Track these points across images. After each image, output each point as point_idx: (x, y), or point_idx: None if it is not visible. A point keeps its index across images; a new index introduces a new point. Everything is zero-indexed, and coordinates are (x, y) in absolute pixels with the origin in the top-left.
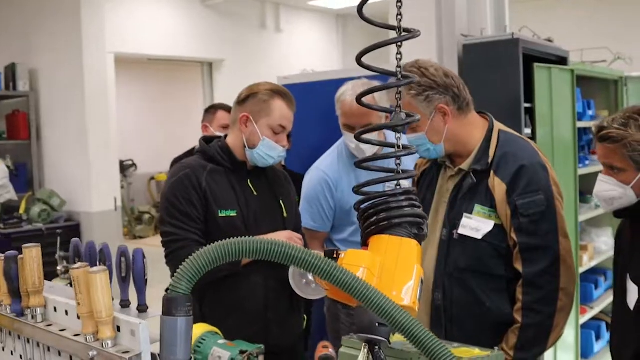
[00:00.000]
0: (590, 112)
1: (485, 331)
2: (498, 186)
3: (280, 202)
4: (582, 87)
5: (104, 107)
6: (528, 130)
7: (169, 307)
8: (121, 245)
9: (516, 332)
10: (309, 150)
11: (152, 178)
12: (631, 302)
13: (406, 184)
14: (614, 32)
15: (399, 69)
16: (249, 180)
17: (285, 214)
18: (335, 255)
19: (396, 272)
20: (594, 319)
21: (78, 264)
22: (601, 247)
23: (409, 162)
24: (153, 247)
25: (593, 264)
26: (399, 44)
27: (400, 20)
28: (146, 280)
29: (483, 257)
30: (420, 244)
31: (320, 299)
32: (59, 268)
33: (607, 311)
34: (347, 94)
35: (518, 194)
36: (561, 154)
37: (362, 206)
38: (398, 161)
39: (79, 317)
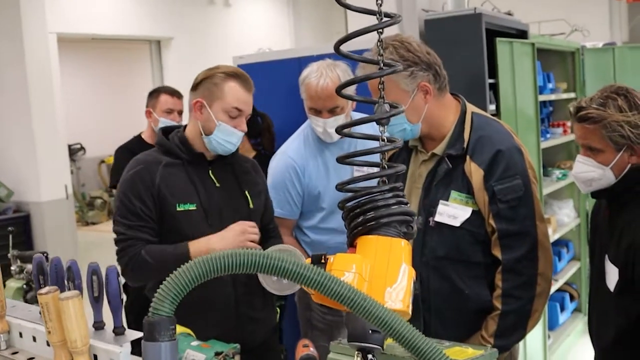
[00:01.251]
0: (550, 85)
1: (464, 319)
2: (475, 172)
3: (246, 193)
4: (540, 60)
5: (48, 90)
6: (492, 107)
7: (151, 331)
8: (91, 262)
9: (495, 319)
10: None
11: (102, 161)
12: (611, 284)
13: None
14: (569, 4)
15: (380, 57)
16: (210, 172)
17: (251, 205)
18: (323, 261)
19: (387, 275)
20: (558, 290)
21: (46, 289)
22: (563, 219)
23: (372, 145)
24: (107, 233)
25: (556, 236)
26: (381, 30)
27: (381, 5)
28: (122, 300)
29: (461, 244)
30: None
31: None
32: (12, 268)
33: (570, 282)
34: (312, 76)
35: (496, 179)
36: (524, 129)
37: (347, 205)
38: (383, 156)
39: (49, 344)
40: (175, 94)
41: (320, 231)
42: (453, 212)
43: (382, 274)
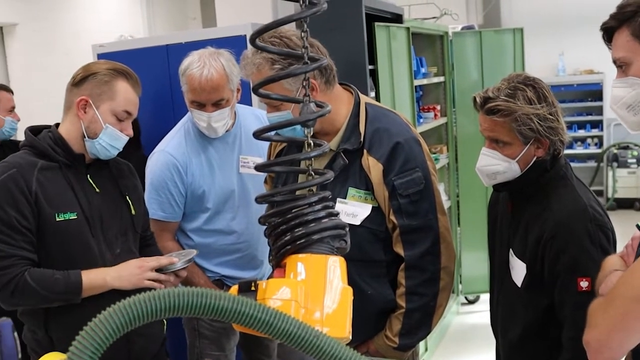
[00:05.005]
0: (423, 70)
1: (368, 320)
2: (374, 166)
3: (127, 197)
4: (413, 44)
5: None
6: (372, 94)
7: None
8: None
9: (400, 317)
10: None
11: None
12: (517, 279)
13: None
14: None
15: (304, 50)
16: (88, 176)
17: (133, 211)
18: (253, 288)
19: (325, 298)
20: None
21: None
22: None
23: (259, 143)
24: None
25: None
26: (306, 19)
27: None
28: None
29: (361, 243)
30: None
31: None
32: None
33: None
34: (193, 66)
35: (395, 173)
36: None
37: (271, 220)
38: (309, 162)
39: None
40: (10, 90)
41: (205, 233)
42: (352, 210)
43: (319, 298)
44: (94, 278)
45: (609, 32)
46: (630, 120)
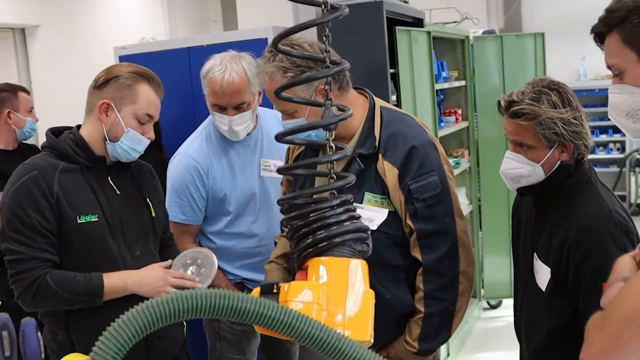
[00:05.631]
0: (444, 74)
1: (387, 324)
2: (389, 171)
3: (147, 199)
4: (434, 49)
5: None
6: (394, 98)
7: None
8: (1, 315)
9: (419, 322)
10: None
11: None
12: (542, 283)
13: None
14: None
15: (326, 54)
16: (109, 178)
17: (153, 213)
18: (275, 290)
19: (347, 301)
20: None
21: None
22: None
23: (280, 146)
24: None
25: None
26: (327, 24)
27: None
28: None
29: (378, 248)
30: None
31: None
32: None
33: None
34: (215, 69)
35: (411, 177)
36: (422, 119)
37: (293, 222)
38: (331, 165)
39: None
40: (27, 90)
41: (227, 236)
42: (368, 215)
43: (341, 301)
44: (116, 281)
45: (600, 36)
46: (631, 127)
